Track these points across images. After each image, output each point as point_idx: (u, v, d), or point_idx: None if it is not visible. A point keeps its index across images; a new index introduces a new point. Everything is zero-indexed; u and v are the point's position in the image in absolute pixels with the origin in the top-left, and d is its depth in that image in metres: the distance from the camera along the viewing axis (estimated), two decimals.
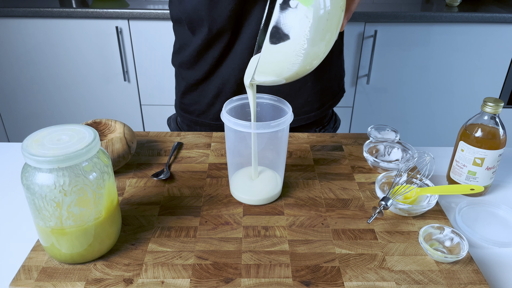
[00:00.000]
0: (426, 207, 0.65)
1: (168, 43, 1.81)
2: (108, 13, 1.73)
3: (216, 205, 0.68)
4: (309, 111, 0.97)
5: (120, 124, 0.77)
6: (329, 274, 0.55)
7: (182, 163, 0.79)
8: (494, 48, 1.85)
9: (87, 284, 0.53)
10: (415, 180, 0.71)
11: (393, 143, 0.81)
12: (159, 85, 1.92)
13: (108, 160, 0.56)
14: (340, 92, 1.05)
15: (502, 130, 0.69)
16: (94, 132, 0.54)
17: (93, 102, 1.97)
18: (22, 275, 0.54)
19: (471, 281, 0.55)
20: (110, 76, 1.90)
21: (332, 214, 0.66)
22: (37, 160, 0.49)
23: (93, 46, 1.83)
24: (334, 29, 0.55)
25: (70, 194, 0.50)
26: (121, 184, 0.73)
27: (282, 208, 0.68)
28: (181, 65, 0.96)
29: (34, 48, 1.83)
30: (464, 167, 0.72)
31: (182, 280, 0.54)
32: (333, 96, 1.01)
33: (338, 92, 1.03)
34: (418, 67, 1.89)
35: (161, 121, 2.02)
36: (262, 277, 0.55)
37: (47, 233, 0.54)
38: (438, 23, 1.78)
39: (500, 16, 1.75)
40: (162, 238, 0.61)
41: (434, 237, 0.61)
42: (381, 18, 1.75)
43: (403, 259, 0.58)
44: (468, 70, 1.90)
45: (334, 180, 0.75)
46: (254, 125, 0.61)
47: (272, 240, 0.61)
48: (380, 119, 2.02)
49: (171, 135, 0.89)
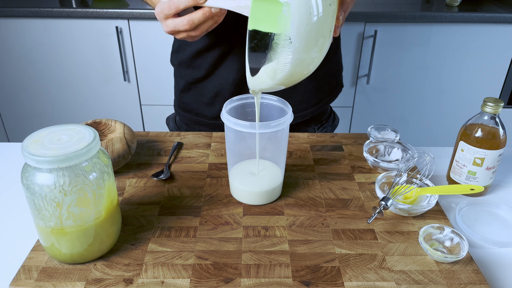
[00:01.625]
0: (426, 207, 0.65)
1: (168, 43, 1.81)
2: (108, 13, 1.73)
3: (216, 205, 0.68)
4: (306, 107, 0.97)
5: (120, 124, 0.77)
6: (329, 274, 0.55)
7: (182, 163, 0.79)
8: (494, 48, 1.85)
9: (87, 284, 0.53)
10: (415, 180, 0.71)
11: (393, 143, 0.81)
12: (159, 85, 1.92)
13: (108, 160, 0.56)
14: (338, 87, 1.04)
15: (502, 130, 0.69)
16: (94, 132, 0.54)
17: (93, 102, 1.97)
18: (22, 275, 0.54)
19: (471, 281, 0.55)
20: (110, 76, 1.90)
21: (332, 214, 0.66)
22: (37, 160, 0.49)
23: (93, 46, 1.83)
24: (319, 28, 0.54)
25: (70, 194, 0.50)
26: (121, 184, 0.73)
27: (282, 208, 0.68)
28: (180, 64, 0.96)
29: (34, 48, 1.83)
30: (464, 167, 0.72)
31: (182, 280, 0.54)
32: (330, 91, 1.01)
33: (335, 88, 1.03)
34: (418, 67, 1.89)
35: (161, 121, 2.02)
36: (262, 277, 0.55)
37: (47, 233, 0.54)
38: (438, 23, 1.78)
39: (500, 16, 1.75)
40: (162, 238, 0.61)
41: (434, 237, 0.61)
42: (381, 18, 1.75)
43: (403, 259, 0.58)
44: (468, 70, 1.90)
45: (334, 180, 0.75)
46: (257, 125, 0.61)
47: (272, 240, 0.61)
48: (380, 119, 2.02)
49: (171, 135, 0.89)
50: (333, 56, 0.99)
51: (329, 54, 0.97)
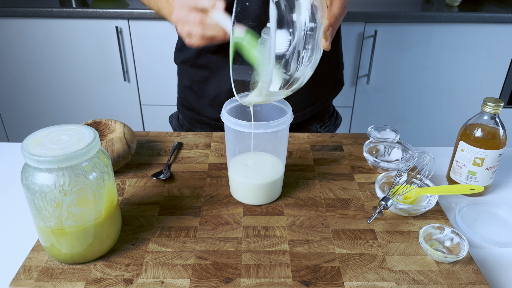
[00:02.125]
0: (426, 207, 0.65)
1: (168, 43, 1.81)
2: (108, 13, 1.73)
3: (216, 205, 0.68)
4: (304, 107, 0.97)
5: (120, 124, 0.77)
6: (329, 274, 0.55)
7: (182, 163, 0.79)
8: (494, 48, 1.85)
9: (87, 284, 0.53)
10: (415, 180, 0.71)
11: (393, 143, 0.81)
12: (159, 85, 1.92)
13: (108, 160, 0.56)
14: (338, 85, 1.04)
15: (502, 130, 0.69)
16: (94, 132, 0.54)
17: (93, 102, 1.97)
18: (22, 275, 0.54)
19: (471, 281, 0.55)
20: (110, 76, 1.90)
21: (332, 214, 0.66)
22: (37, 160, 0.49)
23: (93, 46, 1.83)
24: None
25: (70, 194, 0.50)
26: (121, 184, 0.73)
27: (282, 208, 0.68)
28: (183, 62, 0.96)
29: (34, 48, 1.83)
30: (464, 167, 0.72)
31: (182, 280, 0.54)
32: (328, 90, 1.01)
33: (335, 86, 1.03)
34: (418, 67, 1.89)
35: (161, 121, 2.02)
36: (262, 277, 0.55)
37: (47, 233, 0.54)
38: (438, 23, 1.78)
39: (500, 16, 1.75)
40: (162, 238, 0.61)
41: (434, 237, 0.61)
42: (381, 18, 1.75)
43: (403, 259, 0.58)
44: (468, 70, 1.90)
45: (334, 180, 0.75)
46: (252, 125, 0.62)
47: (272, 240, 0.61)
48: (380, 119, 2.02)
49: (171, 135, 0.89)
50: (332, 54, 0.99)
51: (327, 53, 0.97)
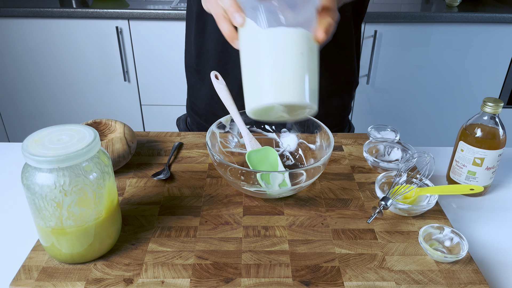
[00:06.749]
0: (426, 207, 0.65)
1: (168, 43, 1.82)
2: (108, 13, 1.73)
3: (216, 205, 0.68)
4: None
5: (120, 124, 0.77)
6: (329, 274, 0.55)
7: (182, 163, 0.79)
8: (494, 48, 1.85)
9: (87, 284, 0.54)
10: (415, 180, 0.71)
11: (393, 143, 0.81)
12: (159, 85, 1.92)
13: (108, 160, 0.56)
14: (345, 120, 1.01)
15: (502, 130, 0.69)
16: (94, 132, 0.54)
17: (93, 102, 1.97)
18: (22, 275, 0.54)
19: (471, 281, 0.55)
20: (110, 76, 1.90)
21: (332, 214, 0.66)
22: (37, 160, 0.49)
23: (93, 46, 1.83)
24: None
25: (70, 194, 0.51)
26: (121, 184, 0.73)
27: (282, 208, 0.68)
28: (187, 66, 0.96)
29: (34, 48, 1.84)
30: (464, 167, 0.72)
31: (182, 280, 0.54)
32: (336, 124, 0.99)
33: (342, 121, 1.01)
34: (418, 67, 1.89)
35: (161, 121, 2.02)
36: (262, 277, 0.55)
37: (47, 233, 0.54)
38: (438, 23, 1.78)
39: (500, 16, 1.75)
40: (162, 238, 0.61)
41: (434, 237, 0.61)
42: (381, 18, 1.75)
43: (403, 259, 0.58)
44: (468, 70, 1.90)
45: (334, 180, 0.75)
46: None
47: (272, 240, 0.61)
48: (380, 119, 2.02)
49: (171, 135, 0.89)
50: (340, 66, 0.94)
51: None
